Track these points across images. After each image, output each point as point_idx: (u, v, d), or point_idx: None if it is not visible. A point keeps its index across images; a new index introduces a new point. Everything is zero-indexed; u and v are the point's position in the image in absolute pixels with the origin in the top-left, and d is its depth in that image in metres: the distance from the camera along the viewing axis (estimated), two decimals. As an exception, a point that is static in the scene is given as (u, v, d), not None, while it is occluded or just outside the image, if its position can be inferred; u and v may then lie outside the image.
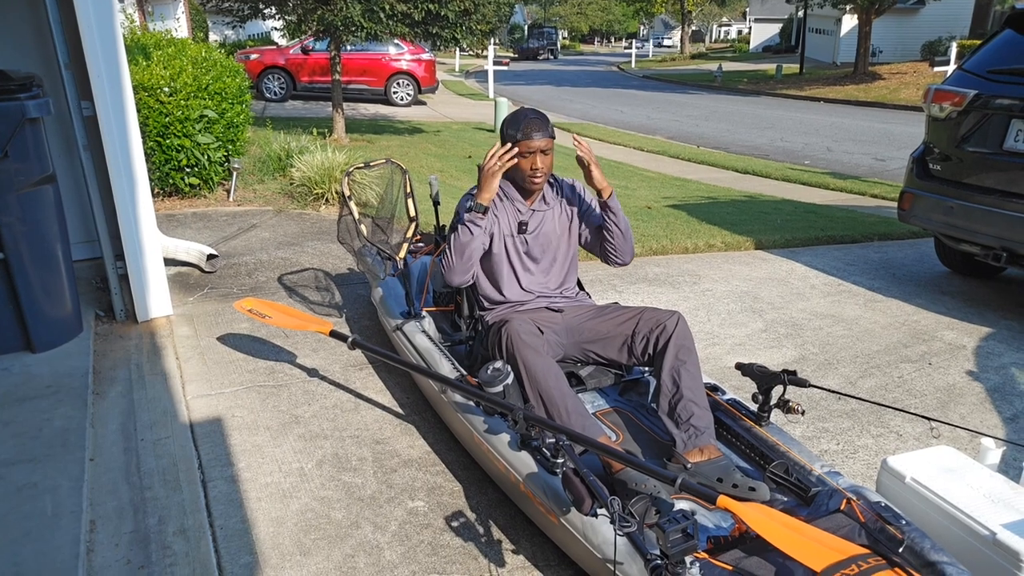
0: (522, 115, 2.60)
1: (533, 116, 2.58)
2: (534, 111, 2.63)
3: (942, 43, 22.90)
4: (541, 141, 2.55)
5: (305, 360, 3.43)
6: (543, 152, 2.58)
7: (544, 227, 2.75)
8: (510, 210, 2.72)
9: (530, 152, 2.56)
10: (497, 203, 2.71)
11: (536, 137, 2.55)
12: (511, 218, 2.72)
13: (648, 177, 9.66)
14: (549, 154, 2.60)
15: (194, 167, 5.79)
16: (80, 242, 4.02)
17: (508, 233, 2.72)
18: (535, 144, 2.55)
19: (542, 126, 2.57)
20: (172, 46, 6.63)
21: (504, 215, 2.72)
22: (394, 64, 16.50)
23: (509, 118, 2.63)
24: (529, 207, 2.73)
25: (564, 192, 2.81)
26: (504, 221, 2.72)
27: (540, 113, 2.63)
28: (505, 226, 2.72)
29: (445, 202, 3.93)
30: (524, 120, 2.56)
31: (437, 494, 2.51)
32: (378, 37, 8.97)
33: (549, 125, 2.61)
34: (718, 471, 2.20)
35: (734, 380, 3.26)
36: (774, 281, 4.88)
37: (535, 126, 2.55)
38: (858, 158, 11.50)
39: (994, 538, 1.82)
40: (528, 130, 2.54)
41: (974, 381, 3.49)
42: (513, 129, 2.57)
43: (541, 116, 2.61)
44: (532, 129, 2.55)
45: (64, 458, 2.47)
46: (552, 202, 2.77)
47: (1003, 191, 4.03)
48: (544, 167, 2.60)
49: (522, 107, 2.72)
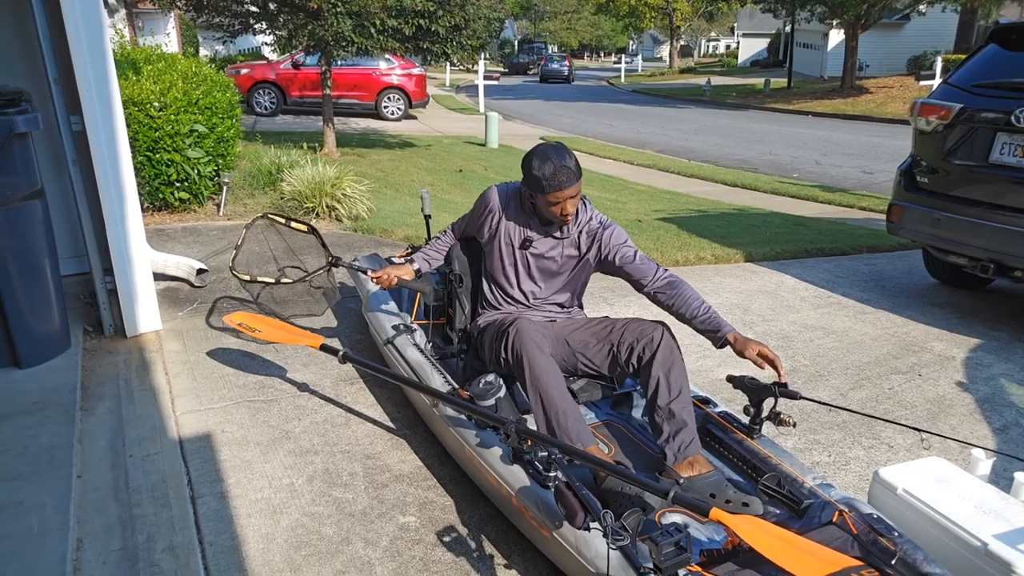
0: (550, 159, 2.45)
1: (561, 164, 2.43)
2: (558, 151, 2.47)
3: (927, 57, 23.17)
4: (571, 190, 2.46)
5: (296, 374, 3.41)
6: (572, 197, 2.49)
7: (551, 252, 2.69)
8: (521, 223, 2.67)
9: (559, 201, 2.48)
10: (506, 213, 2.68)
11: (566, 187, 2.44)
12: (519, 231, 2.68)
13: (638, 190, 9.70)
14: (578, 196, 2.52)
15: (184, 181, 5.78)
16: (68, 257, 4.00)
17: (511, 244, 2.70)
18: (565, 194, 2.46)
19: (571, 174, 2.44)
20: (162, 61, 6.63)
21: (512, 228, 2.68)
22: (385, 79, 16.53)
23: (537, 160, 2.47)
24: (542, 227, 2.66)
25: (590, 228, 2.65)
26: (511, 232, 2.69)
27: (565, 153, 2.48)
28: (509, 237, 2.69)
29: (436, 216, 3.93)
30: (552, 167, 2.43)
31: (429, 509, 2.49)
32: (369, 52, 8.99)
33: (575, 164, 2.47)
34: (710, 487, 2.20)
35: (725, 392, 3.26)
36: (764, 293, 4.90)
37: (564, 176, 2.43)
38: (846, 171, 11.59)
39: (986, 549, 1.82)
40: (557, 181, 2.43)
41: (964, 392, 3.50)
42: (541, 177, 2.45)
43: (568, 159, 2.46)
44: (562, 180, 2.43)
45: (51, 475, 2.44)
46: (569, 232, 2.65)
47: (990, 203, 4.06)
48: (573, 209, 2.51)
49: (547, 145, 2.53)
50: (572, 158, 2.48)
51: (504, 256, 2.73)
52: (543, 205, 2.53)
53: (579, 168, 2.49)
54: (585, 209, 2.66)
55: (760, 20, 41.43)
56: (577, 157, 2.53)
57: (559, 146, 2.52)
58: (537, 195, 2.52)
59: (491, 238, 2.74)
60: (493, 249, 2.75)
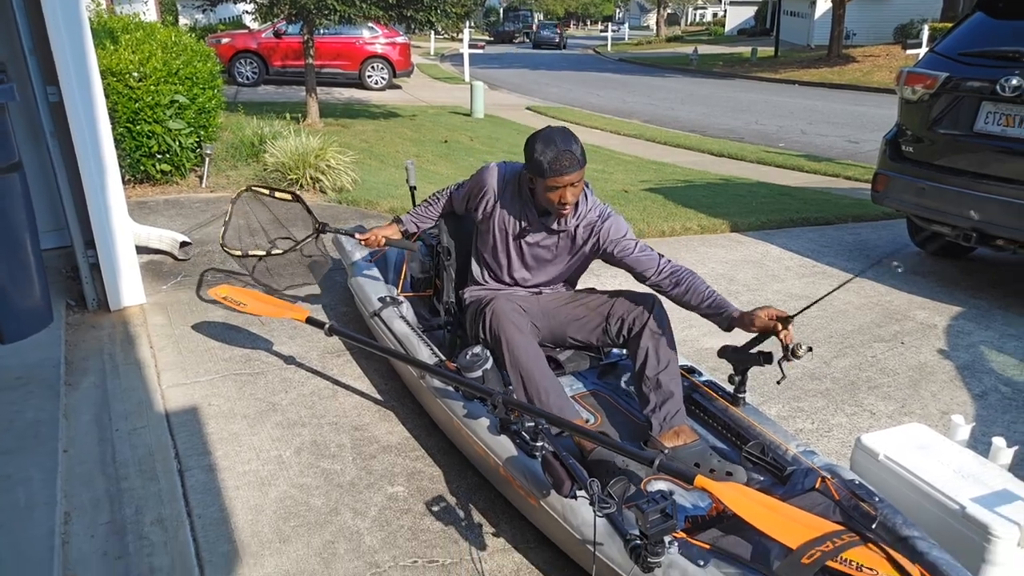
0: (552, 142, 2.35)
1: (564, 148, 2.33)
2: (563, 135, 2.38)
3: (914, 26, 23.07)
4: (573, 175, 2.34)
5: (282, 347, 3.40)
6: (573, 185, 2.38)
7: (546, 242, 2.62)
8: (516, 211, 2.59)
9: (559, 187, 2.36)
10: (503, 198, 2.59)
11: (568, 173, 2.33)
12: (514, 221, 2.60)
13: (625, 161, 9.67)
14: (579, 184, 2.41)
15: (165, 153, 5.70)
16: (49, 231, 3.94)
17: (505, 230, 2.63)
18: (566, 179, 2.34)
19: (574, 159, 2.33)
20: (140, 30, 6.48)
21: (508, 215, 2.60)
22: (368, 48, 16.29)
23: (541, 142, 2.37)
24: (539, 219, 2.57)
25: (587, 220, 2.55)
26: (506, 220, 2.61)
27: (570, 138, 2.38)
28: (504, 223, 2.62)
29: (421, 187, 3.91)
30: (555, 150, 2.32)
31: (417, 479, 2.51)
32: (352, 20, 8.85)
33: (580, 150, 2.36)
34: (695, 456, 2.23)
35: (710, 362, 3.29)
36: (750, 263, 4.92)
37: (567, 160, 2.32)
38: (832, 140, 11.60)
39: (963, 512, 1.86)
40: (559, 166, 2.32)
41: (945, 359, 3.55)
42: (543, 160, 2.34)
43: (572, 144, 2.35)
44: (564, 165, 2.32)
45: (37, 450, 2.44)
46: (567, 225, 2.56)
47: (973, 172, 4.08)
48: (573, 198, 2.40)
49: (550, 128, 2.44)
50: (578, 144, 2.38)
51: (498, 241, 2.65)
52: (542, 191, 2.42)
53: (584, 156, 2.38)
54: (586, 201, 2.54)
55: (747, -12, 41.12)
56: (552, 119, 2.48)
57: (565, 130, 2.42)
58: (537, 179, 2.41)
59: (485, 219, 2.66)
60: (487, 232, 2.67)
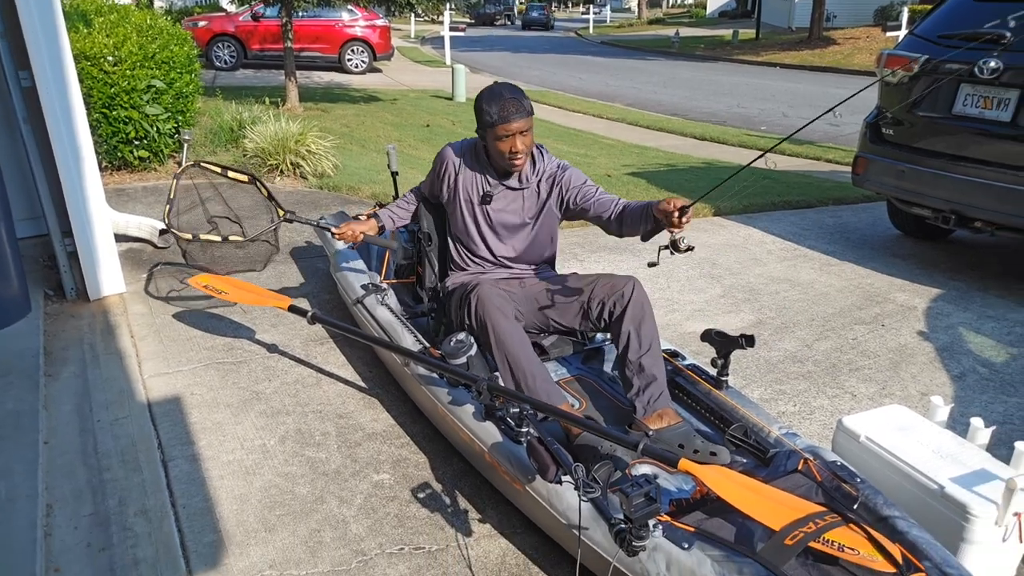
0: (498, 94, 2.45)
1: (510, 96, 2.43)
2: (510, 88, 2.49)
3: (894, 8, 23.17)
4: (520, 123, 2.43)
5: (264, 336, 3.38)
6: (522, 133, 2.46)
7: (511, 205, 2.67)
8: (478, 180, 2.67)
9: (508, 135, 2.44)
10: (462, 169, 2.67)
11: (515, 119, 2.42)
12: (478, 187, 2.67)
13: (607, 145, 9.65)
14: (528, 134, 2.48)
15: (143, 139, 5.61)
16: (25, 219, 3.89)
17: (470, 200, 2.69)
18: (513, 127, 2.42)
19: (520, 107, 2.42)
20: (114, 12, 6.36)
21: (470, 183, 2.68)
22: (348, 31, 16.10)
23: (485, 95, 2.48)
24: (499, 182, 2.65)
25: (547, 172, 2.66)
26: (468, 188, 2.68)
27: (517, 90, 2.48)
28: (468, 194, 2.68)
29: (404, 172, 3.88)
30: (500, 100, 2.42)
31: (402, 466, 2.51)
32: (331, 3, 8.75)
33: (526, 102, 2.46)
34: (679, 437, 2.24)
35: (693, 345, 3.31)
36: (732, 247, 4.95)
37: (513, 107, 2.41)
38: (814, 123, 11.64)
39: (942, 491, 1.89)
40: (505, 112, 2.41)
41: (924, 341, 3.59)
42: (490, 110, 2.44)
43: (518, 94, 2.46)
44: (510, 111, 2.41)
45: (17, 441, 2.41)
46: (528, 182, 2.65)
47: (952, 155, 4.12)
48: (524, 148, 2.48)
49: (496, 83, 2.57)
50: (523, 95, 2.47)
51: (465, 214, 2.70)
52: (494, 146, 2.50)
53: (530, 106, 2.47)
54: (543, 157, 2.66)
55: (729, -31, 41.01)
56: (534, 103, 2.49)
57: (510, 85, 2.52)
58: (488, 133, 2.48)
59: (451, 198, 2.72)
60: (455, 209, 2.73)
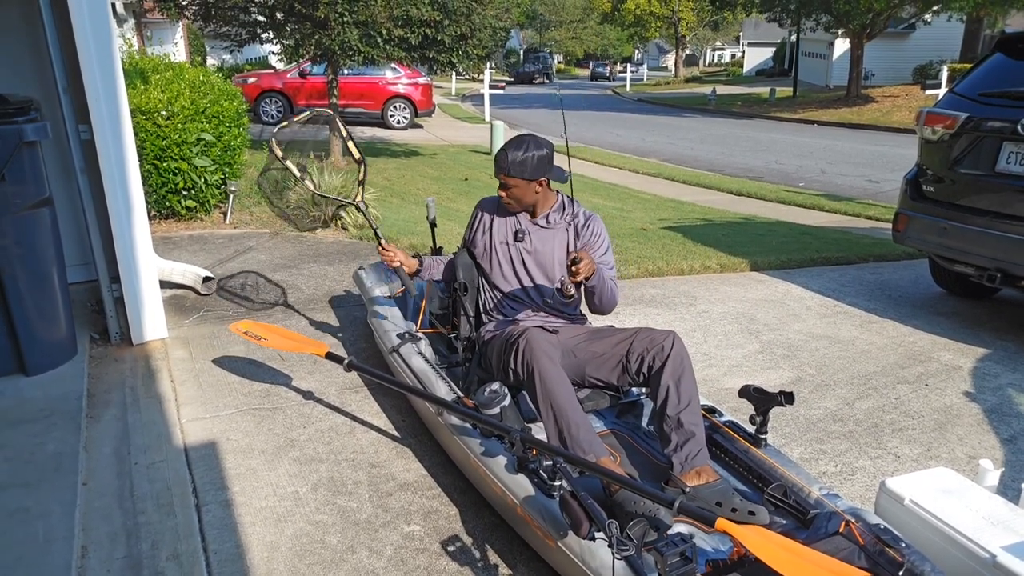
0: (508, 145, 2.71)
1: (501, 152, 2.70)
2: (517, 141, 2.71)
3: (933, 67, 23.14)
4: (500, 175, 2.71)
5: (301, 383, 3.41)
6: (503, 187, 2.73)
7: (543, 245, 2.81)
8: (511, 221, 2.85)
9: (500, 180, 2.74)
10: (495, 215, 2.88)
11: (498, 172, 2.71)
12: (510, 226, 2.84)
13: (643, 199, 9.70)
14: (511, 189, 2.71)
15: (191, 190, 5.80)
16: (76, 264, 4.02)
17: (504, 241, 2.85)
18: (499, 177, 2.72)
19: (505, 160, 2.66)
20: (170, 70, 6.66)
21: (503, 225, 2.85)
22: (391, 88, 16.61)
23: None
24: (530, 220, 2.82)
25: (576, 220, 2.83)
26: (502, 230, 2.85)
27: (522, 144, 2.68)
28: (502, 235, 2.85)
29: (442, 224, 3.94)
30: (502, 152, 2.69)
31: (433, 518, 2.49)
32: (375, 61, 9.02)
33: (511, 162, 2.65)
34: (717, 495, 2.19)
35: (731, 402, 3.25)
36: (770, 302, 4.89)
37: (500, 159, 2.69)
38: (852, 180, 11.57)
39: (994, 560, 1.81)
40: (496, 161, 2.72)
41: (971, 402, 3.48)
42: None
43: (514, 150, 2.67)
44: (497, 161, 2.71)
45: (57, 482, 2.45)
46: (556, 224, 2.82)
47: (996, 212, 4.05)
48: (507, 196, 2.74)
49: (520, 135, 2.80)
50: (523, 150, 2.66)
51: (500, 256, 2.85)
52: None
53: (521, 166, 2.65)
54: (571, 205, 2.85)
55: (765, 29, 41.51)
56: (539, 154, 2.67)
57: (523, 138, 2.74)
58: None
59: (487, 244, 2.88)
60: (491, 252, 2.87)
